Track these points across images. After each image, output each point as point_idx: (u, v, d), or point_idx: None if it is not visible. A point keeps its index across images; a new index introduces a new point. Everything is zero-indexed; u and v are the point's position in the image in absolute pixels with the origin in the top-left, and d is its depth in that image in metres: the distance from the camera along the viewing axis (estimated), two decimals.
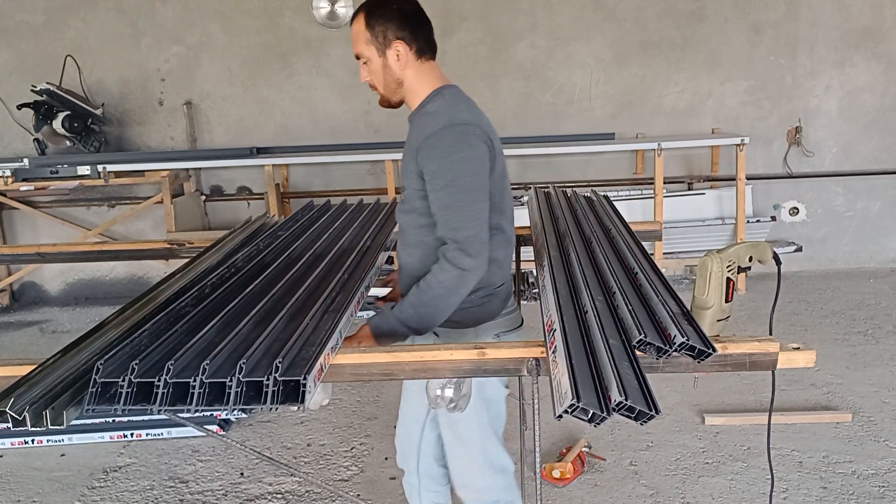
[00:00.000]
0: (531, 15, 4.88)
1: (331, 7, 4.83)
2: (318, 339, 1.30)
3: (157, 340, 1.28)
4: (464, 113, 1.56)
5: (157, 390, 1.13)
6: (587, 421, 1.07)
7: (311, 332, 1.34)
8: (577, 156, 5.02)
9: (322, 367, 1.23)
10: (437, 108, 1.58)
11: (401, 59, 1.59)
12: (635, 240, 1.80)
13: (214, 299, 1.49)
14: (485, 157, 1.54)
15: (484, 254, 1.53)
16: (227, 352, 1.22)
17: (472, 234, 1.51)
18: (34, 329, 4.73)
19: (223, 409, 1.13)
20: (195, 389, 1.12)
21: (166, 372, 1.13)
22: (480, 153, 1.53)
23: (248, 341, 1.26)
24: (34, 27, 4.89)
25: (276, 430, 3.17)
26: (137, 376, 1.14)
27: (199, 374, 1.12)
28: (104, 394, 1.15)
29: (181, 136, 5.04)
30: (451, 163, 1.50)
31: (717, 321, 1.38)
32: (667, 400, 3.21)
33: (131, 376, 1.14)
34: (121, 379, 1.14)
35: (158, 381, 1.13)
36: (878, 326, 4.07)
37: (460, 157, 1.50)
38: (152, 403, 1.12)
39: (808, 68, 4.92)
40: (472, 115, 1.58)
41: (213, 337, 1.30)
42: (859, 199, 5.12)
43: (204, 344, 1.26)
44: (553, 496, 2.59)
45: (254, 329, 1.33)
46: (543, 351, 1.29)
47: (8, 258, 2.64)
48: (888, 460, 2.73)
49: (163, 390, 1.13)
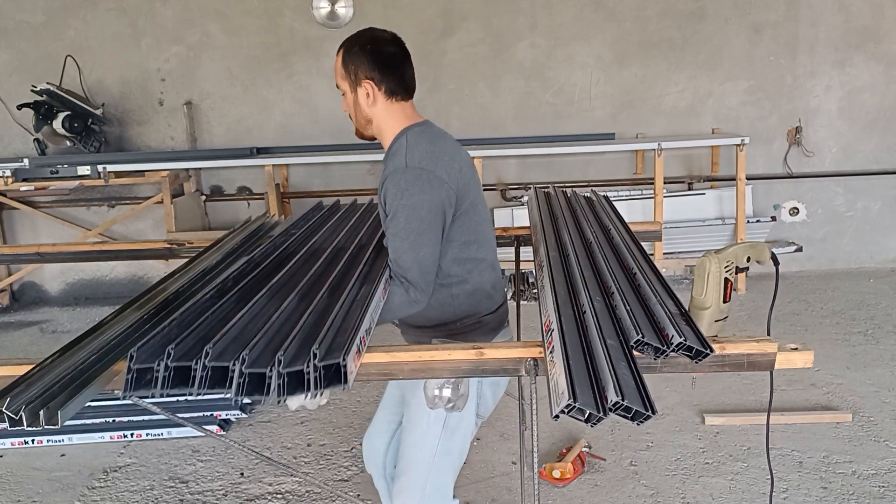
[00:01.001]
0: (531, 15, 4.88)
1: (331, 7, 4.84)
2: (350, 324, 1.30)
3: (188, 329, 1.27)
4: (420, 156, 1.59)
5: (194, 374, 1.14)
6: (584, 421, 1.07)
7: (343, 319, 1.34)
8: (577, 156, 5.02)
9: (359, 349, 1.25)
10: (398, 149, 1.63)
11: (370, 98, 1.65)
12: (634, 240, 1.80)
13: (238, 291, 1.48)
14: (437, 201, 1.57)
15: (427, 293, 1.60)
16: (265, 342, 1.22)
17: (417, 277, 1.57)
18: (34, 329, 4.73)
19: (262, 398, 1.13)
20: (234, 375, 1.12)
21: (205, 356, 1.14)
22: (432, 198, 1.56)
23: (283, 333, 1.26)
24: (34, 27, 4.89)
25: (276, 430, 3.17)
26: (174, 361, 1.15)
27: (237, 361, 1.13)
28: (140, 381, 1.15)
29: (181, 136, 5.04)
30: (402, 206, 1.55)
31: (716, 321, 1.38)
32: (667, 400, 3.21)
33: (168, 361, 1.15)
34: (156, 364, 1.15)
35: (196, 364, 1.14)
36: (879, 326, 4.07)
37: (410, 201, 1.55)
38: (190, 386, 1.13)
39: (809, 68, 4.92)
40: (432, 157, 1.60)
41: (245, 324, 1.30)
42: (859, 199, 5.12)
43: (237, 332, 1.26)
44: (553, 496, 2.59)
45: (286, 321, 1.33)
46: (541, 351, 1.29)
47: (8, 258, 2.65)
48: (888, 460, 2.72)
49: (201, 374, 1.13)
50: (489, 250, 1.77)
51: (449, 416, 1.68)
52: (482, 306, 1.74)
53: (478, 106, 4.94)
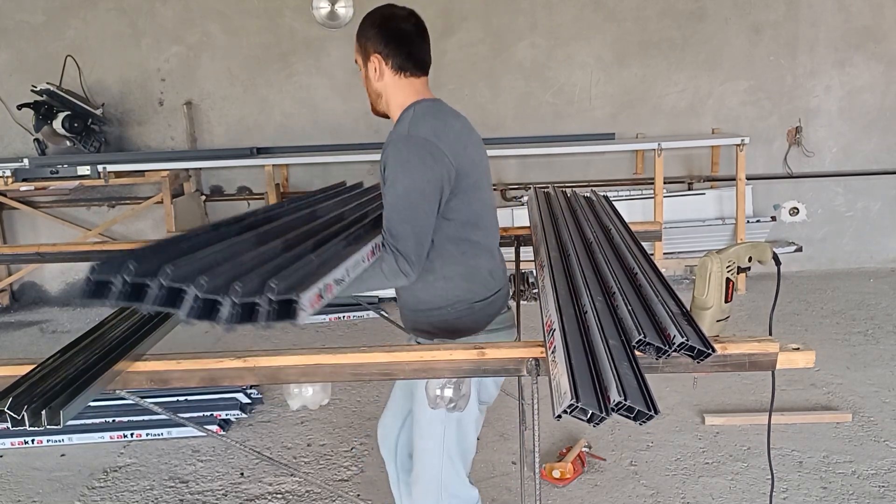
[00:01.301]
0: (531, 15, 4.88)
1: (331, 7, 4.83)
2: (321, 270, 1.28)
3: (156, 253, 1.26)
4: (425, 128, 1.59)
5: (149, 290, 1.12)
6: (586, 421, 1.07)
7: (317, 267, 1.32)
8: (578, 156, 5.02)
9: (321, 293, 1.22)
10: (403, 119, 1.65)
11: (378, 73, 1.68)
12: (635, 240, 1.80)
13: (223, 232, 1.47)
14: (437, 176, 1.57)
15: (417, 266, 1.58)
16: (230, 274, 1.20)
17: (409, 248, 1.55)
18: (34, 329, 4.73)
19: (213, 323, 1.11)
20: (188, 297, 1.11)
21: (164, 276, 1.12)
22: (431, 171, 1.56)
23: (249, 268, 1.24)
24: (34, 27, 4.89)
25: (276, 430, 3.17)
26: (134, 277, 1.13)
27: (194, 285, 1.11)
28: (96, 292, 1.14)
29: (181, 136, 5.04)
30: (400, 175, 1.55)
31: (717, 321, 1.37)
32: (667, 400, 3.21)
33: (127, 276, 1.13)
34: (115, 277, 1.13)
35: (152, 282, 1.12)
36: (879, 326, 4.07)
37: (409, 171, 1.55)
38: (144, 303, 1.12)
39: (809, 68, 4.92)
40: (436, 130, 1.60)
41: (217, 257, 1.28)
42: (859, 199, 5.12)
43: (205, 263, 1.24)
44: (553, 496, 2.59)
45: (260, 261, 1.31)
46: (543, 351, 1.29)
47: (8, 258, 2.64)
48: (888, 460, 2.72)
49: (158, 293, 1.12)
50: (488, 236, 1.75)
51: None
52: (476, 292, 1.72)
53: (478, 106, 4.93)
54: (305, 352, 1.35)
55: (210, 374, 1.34)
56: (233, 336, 4.19)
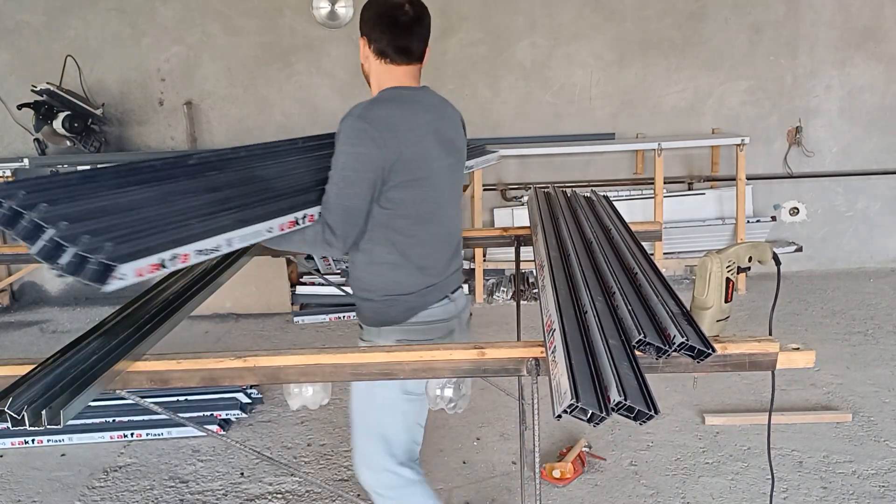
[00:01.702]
0: (531, 15, 4.88)
1: (331, 7, 4.83)
2: (185, 235, 1.27)
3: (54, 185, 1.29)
4: (377, 112, 1.62)
5: (20, 220, 1.16)
6: (586, 421, 1.07)
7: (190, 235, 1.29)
8: (578, 156, 5.02)
9: (164, 263, 1.22)
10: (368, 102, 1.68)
11: (363, 54, 1.74)
12: (635, 240, 1.79)
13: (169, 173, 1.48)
14: (375, 159, 1.58)
15: (343, 241, 1.62)
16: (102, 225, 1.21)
17: (336, 221, 1.59)
18: (34, 329, 4.73)
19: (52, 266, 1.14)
20: (43, 237, 1.15)
21: (35, 211, 1.16)
22: (370, 153, 1.58)
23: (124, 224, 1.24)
24: (34, 27, 4.89)
25: (276, 430, 3.17)
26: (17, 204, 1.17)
27: (54, 227, 1.14)
28: None
29: (181, 136, 5.04)
30: (342, 152, 1.60)
31: (717, 321, 1.38)
32: (667, 400, 3.21)
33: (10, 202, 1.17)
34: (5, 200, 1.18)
35: (25, 215, 1.16)
36: (879, 326, 4.07)
37: (347, 149, 1.59)
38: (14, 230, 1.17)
39: (809, 68, 4.92)
40: (388, 117, 1.61)
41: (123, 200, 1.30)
42: (859, 199, 5.12)
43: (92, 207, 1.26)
44: (553, 496, 2.59)
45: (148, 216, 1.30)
46: (543, 351, 1.29)
47: (8, 258, 2.64)
48: (888, 460, 2.73)
49: (25, 224, 1.16)
50: (437, 234, 1.76)
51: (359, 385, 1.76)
52: (402, 284, 1.73)
53: (478, 106, 4.94)
54: (305, 352, 1.36)
55: (210, 373, 1.35)
56: (233, 336, 4.19)
